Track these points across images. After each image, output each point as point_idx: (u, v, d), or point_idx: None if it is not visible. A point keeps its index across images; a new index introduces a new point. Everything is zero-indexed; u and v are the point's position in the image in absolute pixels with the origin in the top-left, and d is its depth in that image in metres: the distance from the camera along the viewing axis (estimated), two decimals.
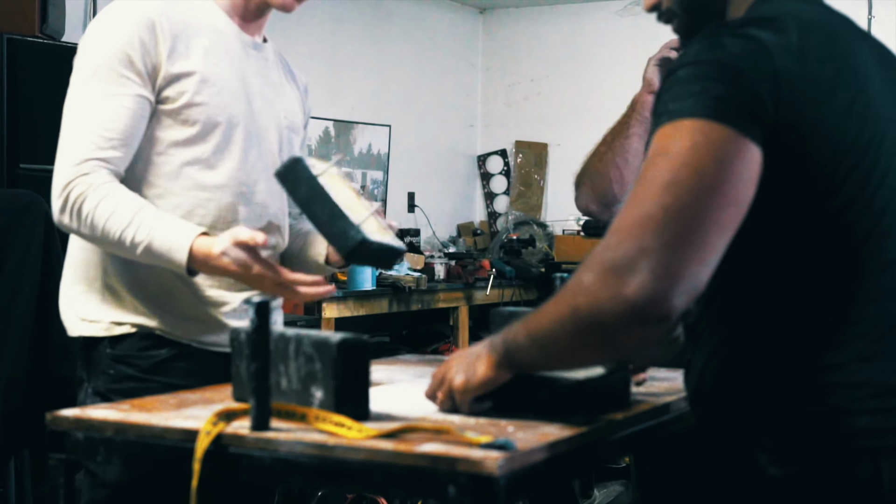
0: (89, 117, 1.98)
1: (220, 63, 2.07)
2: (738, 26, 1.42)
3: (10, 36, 3.75)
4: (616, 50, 6.87)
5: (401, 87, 6.59)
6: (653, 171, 1.36)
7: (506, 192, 7.26)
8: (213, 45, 2.07)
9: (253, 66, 2.14)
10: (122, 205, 1.95)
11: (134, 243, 1.93)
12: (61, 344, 2.83)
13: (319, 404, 1.52)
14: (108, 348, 2.04)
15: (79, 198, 1.95)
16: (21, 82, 3.75)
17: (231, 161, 2.07)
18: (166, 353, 2.06)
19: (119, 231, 1.93)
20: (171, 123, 2.03)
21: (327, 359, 1.51)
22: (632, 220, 1.34)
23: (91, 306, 2.06)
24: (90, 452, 1.59)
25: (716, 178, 1.34)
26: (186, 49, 2.03)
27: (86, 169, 1.96)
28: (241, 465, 1.47)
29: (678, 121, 1.37)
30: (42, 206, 3.11)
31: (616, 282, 1.31)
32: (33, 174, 3.73)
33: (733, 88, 1.37)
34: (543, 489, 1.45)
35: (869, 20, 6.13)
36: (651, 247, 1.31)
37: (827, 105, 1.40)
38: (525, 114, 7.17)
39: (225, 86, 2.07)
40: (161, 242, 1.93)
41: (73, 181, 1.95)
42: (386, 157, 6.36)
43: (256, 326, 1.47)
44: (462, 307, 5.59)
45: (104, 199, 1.94)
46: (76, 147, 1.98)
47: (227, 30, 2.12)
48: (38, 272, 3.09)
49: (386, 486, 1.40)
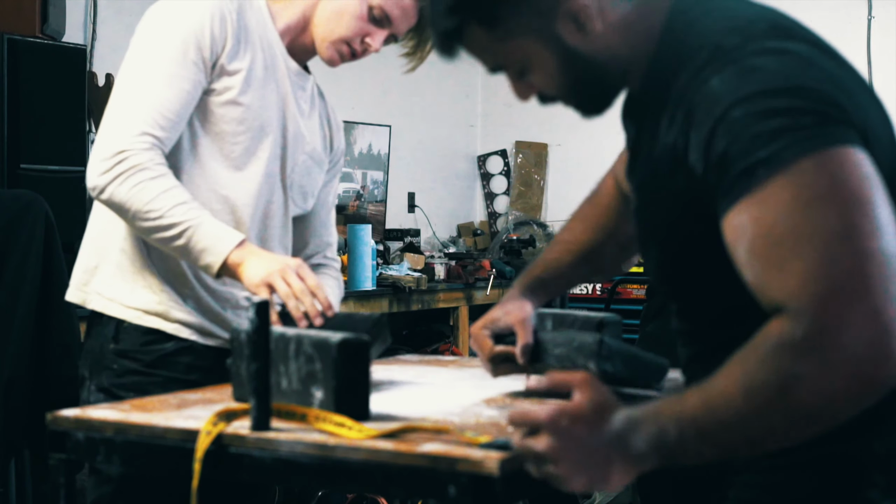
0: (151, 92, 1.97)
1: (267, 74, 2.10)
2: (746, 46, 1.27)
3: (10, 36, 3.75)
4: None
5: (401, 87, 6.59)
6: (807, 227, 1.17)
7: (506, 193, 7.26)
8: (263, 57, 2.11)
9: (291, 91, 2.17)
10: (179, 188, 1.94)
11: (180, 223, 1.91)
12: (62, 344, 2.83)
13: (319, 404, 1.52)
14: (111, 343, 2.05)
15: (135, 167, 1.92)
16: (21, 82, 3.75)
17: (257, 166, 2.10)
18: (171, 347, 2.07)
19: (169, 207, 1.91)
20: (209, 116, 2.05)
21: (327, 359, 1.51)
22: (827, 287, 1.15)
23: (105, 282, 2.08)
24: (91, 452, 1.59)
25: (875, 201, 1.18)
26: (242, 51, 2.06)
27: (145, 143, 1.94)
28: (241, 465, 1.47)
29: (791, 165, 1.19)
30: (42, 206, 3.11)
31: (881, 351, 1.14)
32: (33, 174, 3.73)
33: (815, 106, 1.21)
34: (543, 489, 1.44)
35: (869, 20, 6.13)
36: (871, 301, 1.13)
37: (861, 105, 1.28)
38: (525, 114, 7.16)
39: (266, 94, 2.10)
40: (208, 230, 1.92)
41: (129, 149, 1.93)
42: (386, 158, 6.36)
43: (256, 326, 1.47)
44: (462, 307, 5.59)
45: (161, 177, 1.93)
46: (134, 117, 1.96)
47: (277, 49, 2.15)
48: (39, 272, 3.09)
49: (386, 486, 1.41)
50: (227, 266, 1.91)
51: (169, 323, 2.06)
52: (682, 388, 1.58)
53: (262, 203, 2.12)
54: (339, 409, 1.50)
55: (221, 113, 2.05)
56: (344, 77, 6.26)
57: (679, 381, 1.65)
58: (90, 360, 2.08)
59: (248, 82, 2.06)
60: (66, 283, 3.12)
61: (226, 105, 2.05)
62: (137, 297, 2.06)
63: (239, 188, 2.08)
